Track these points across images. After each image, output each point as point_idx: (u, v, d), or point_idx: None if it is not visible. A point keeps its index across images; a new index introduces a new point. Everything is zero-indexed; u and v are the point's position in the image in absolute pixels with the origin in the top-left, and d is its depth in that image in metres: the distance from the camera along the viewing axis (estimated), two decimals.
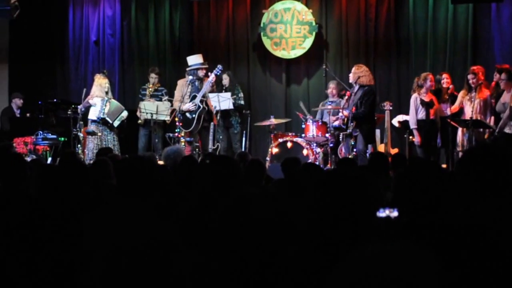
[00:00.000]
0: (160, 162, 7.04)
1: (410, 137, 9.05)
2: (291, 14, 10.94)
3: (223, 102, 9.74)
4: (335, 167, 7.95)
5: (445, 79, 9.18)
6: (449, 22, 10.34)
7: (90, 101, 9.74)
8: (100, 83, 9.82)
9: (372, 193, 2.05)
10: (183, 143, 9.30)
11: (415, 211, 2.41)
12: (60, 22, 11.94)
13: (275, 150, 9.27)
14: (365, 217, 1.98)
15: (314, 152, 9.16)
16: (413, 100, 8.83)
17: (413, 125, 8.83)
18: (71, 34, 11.88)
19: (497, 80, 8.51)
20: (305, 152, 9.16)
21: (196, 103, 9.19)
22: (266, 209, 1.69)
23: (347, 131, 8.52)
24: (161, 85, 10.60)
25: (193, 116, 9.27)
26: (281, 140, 9.36)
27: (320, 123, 9.28)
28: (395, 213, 2.14)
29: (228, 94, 9.96)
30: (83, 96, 9.89)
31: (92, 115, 9.71)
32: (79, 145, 9.75)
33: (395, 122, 9.74)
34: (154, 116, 9.93)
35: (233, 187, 3.15)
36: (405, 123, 9.39)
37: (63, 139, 9.84)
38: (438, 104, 8.90)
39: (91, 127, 9.72)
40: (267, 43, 11.05)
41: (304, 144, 9.22)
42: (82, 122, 9.84)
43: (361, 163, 7.60)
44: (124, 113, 9.96)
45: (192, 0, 11.29)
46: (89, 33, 11.83)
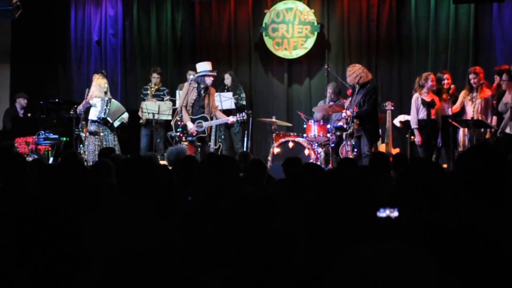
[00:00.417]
0: (163, 162, 7.04)
1: (411, 137, 9.05)
2: (293, 14, 10.94)
3: (225, 102, 9.74)
4: (336, 167, 7.93)
5: (446, 80, 9.16)
6: (451, 22, 10.34)
7: (90, 102, 9.69)
8: (99, 83, 9.78)
9: (373, 193, 2.05)
10: (185, 143, 9.29)
11: (416, 211, 2.41)
12: (62, 22, 11.95)
13: (277, 150, 9.27)
14: (366, 217, 1.98)
15: (316, 152, 9.16)
16: (414, 100, 8.83)
17: (414, 125, 8.82)
18: (73, 34, 11.88)
19: (498, 82, 8.50)
20: (307, 152, 9.15)
21: (204, 127, 8.98)
22: (268, 209, 1.69)
23: (348, 131, 8.48)
24: (163, 85, 10.61)
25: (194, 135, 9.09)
26: (283, 140, 9.36)
27: (322, 123, 9.28)
28: (396, 213, 2.14)
29: (230, 94, 9.96)
30: (86, 96, 9.87)
31: (92, 116, 9.63)
32: (81, 145, 9.73)
33: (397, 122, 9.73)
34: (156, 116, 9.94)
35: (234, 187, 3.15)
36: (407, 123, 9.37)
37: (65, 139, 9.82)
38: (440, 103, 8.90)
39: (92, 127, 9.68)
40: (269, 43, 11.05)
41: (306, 144, 9.22)
42: (84, 122, 9.81)
43: (365, 164, 7.56)
44: (125, 115, 9.92)
45: (194, 0, 11.29)
46: (91, 33, 11.83)
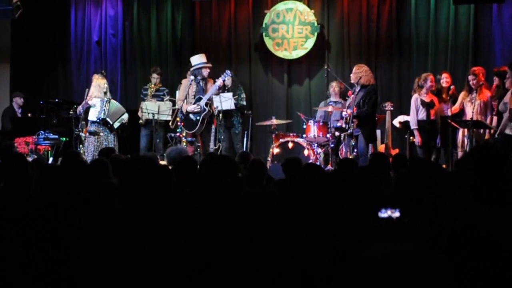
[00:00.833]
0: (162, 162, 7.04)
1: (411, 138, 9.06)
2: (293, 15, 10.94)
3: (225, 102, 9.74)
4: (336, 168, 7.94)
5: (445, 79, 9.17)
6: (451, 23, 10.34)
7: (90, 102, 9.69)
8: (99, 84, 9.78)
9: (374, 194, 2.06)
10: (185, 143, 9.31)
11: (416, 212, 2.42)
12: (62, 22, 11.95)
13: (276, 151, 9.27)
14: (367, 218, 1.98)
15: (315, 153, 9.16)
16: (414, 101, 8.84)
17: (414, 126, 8.83)
18: (73, 34, 11.89)
19: (497, 83, 8.50)
20: (306, 153, 9.16)
21: (201, 106, 9.19)
22: (274, 210, 1.69)
23: (348, 131, 8.49)
24: (163, 85, 10.62)
25: (197, 118, 9.29)
26: (282, 141, 9.36)
27: (321, 124, 9.29)
28: (397, 214, 2.15)
29: (230, 94, 9.96)
30: (85, 96, 9.87)
31: (92, 116, 9.63)
32: (81, 145, 9.73)
33: (396, 123, 9.74)
34: (156, 116, 9.94)
35: (234, 187, 3.15)
36: (406, 124, 9.38)
37: (65, 139, 9.82)
38: (439, 104, 8.91)
39: (92, 128, 9.68)
40: (269, 44, 11.05)
41: (305, 145, 9.22)
42: (84, 122, 9.81)
43: (363, 164, 7.59)
44: (125, 116, 9.92)
45: (194, 0, 11.30)
46: (91, 33, 11.84)
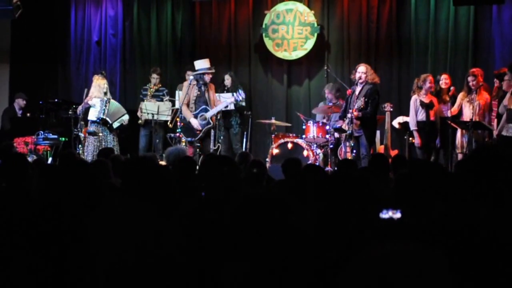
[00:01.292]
0: (162, 163, 7.04)
1: (410, 139, 9.06)
2: (293, 15, 10.95)
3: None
4: (336, 169, 7.93)
5: (444, 80, 9.17)
6: (451, 24, 10.34)
7: (90, 102, 9.68)
8: (99, 84, 9.77)
9: (375, 195, 2.06)
10: (184, 144, 9.29)
11: (417, 212, 2.42)
12: (62, 22, 11.95)
13: (276, 151, 9.27)
14: (368, 218, 1.98)
15: (314, 153, 9.16)
16: (413, 102, 8.84)
17: (413, 127, 8.83)
18: (73, 34, 11.89)
19: (498, 85, 8.50)
20: (306, 153, 9.16)
21: (207, 118, 8.96)
22: (281, 209, 1.69)
23: (347, 132, 8.46)
24: (163, 86, 10.61)
25: (200, 130, 9.06)
26: (282, 141, 9.36)
27: (321, 124, 9.29)
28: (398, 214, 2.15)
29: (230, 95, 9.96)
30: (85, 96, 9.86)
31: (92, 116, 9.61)
32: (80, 145, 9.72)
33: (395, 124, 9.74)
34: (155, 117, 9.93)
35: (234, 188, 3.16)
36: (405, 125, 9.38)
37: (64, 139, 9.81)
38: (438, 105, 8.91)
39: (91, 128, 9.67)
40: (269, 44, 11.05)
41: (305, 145, 9.22)
42: (83, 122, 9.80)
43: (365, 165, 7.55)
44: (125, 117, 9.89)
45: (194, 1, 11.30)
46: (91, 33, 11.84)
